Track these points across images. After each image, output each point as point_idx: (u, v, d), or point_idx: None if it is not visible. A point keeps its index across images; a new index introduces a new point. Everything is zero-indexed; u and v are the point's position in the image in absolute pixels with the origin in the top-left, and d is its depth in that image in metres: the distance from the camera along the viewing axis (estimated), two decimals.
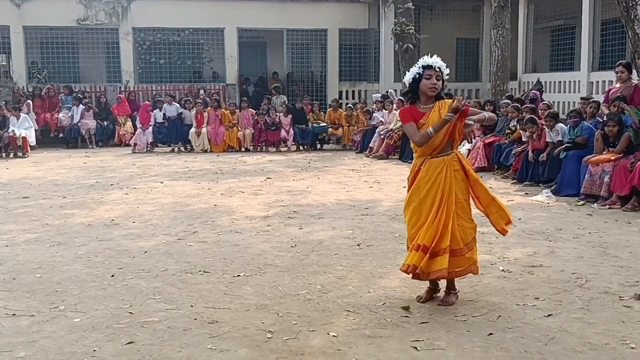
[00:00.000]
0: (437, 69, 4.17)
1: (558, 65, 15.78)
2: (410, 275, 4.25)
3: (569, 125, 9.08)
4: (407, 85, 4.32)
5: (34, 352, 3.53)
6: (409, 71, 4.32)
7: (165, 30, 18.07)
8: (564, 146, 8.88)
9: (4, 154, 13.79)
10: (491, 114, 4.75)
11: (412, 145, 4.35)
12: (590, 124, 8.94)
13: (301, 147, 15.11)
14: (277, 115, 14.96)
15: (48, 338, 3.72)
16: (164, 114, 15.03)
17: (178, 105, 15.25)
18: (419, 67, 4.19)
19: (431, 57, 4.23)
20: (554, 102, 13.43)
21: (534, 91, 13.41)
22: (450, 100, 4.22)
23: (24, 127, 14.05)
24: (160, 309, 4.20)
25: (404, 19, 15.94)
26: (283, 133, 14.89)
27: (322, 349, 3.55)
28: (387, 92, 15.93)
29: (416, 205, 4.23)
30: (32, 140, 14.26)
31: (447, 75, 4.25)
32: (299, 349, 3.56)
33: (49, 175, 10.87)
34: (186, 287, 4.66)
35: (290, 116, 14.96)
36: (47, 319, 4.03)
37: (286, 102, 16.70)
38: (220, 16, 18.03)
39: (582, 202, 7.96)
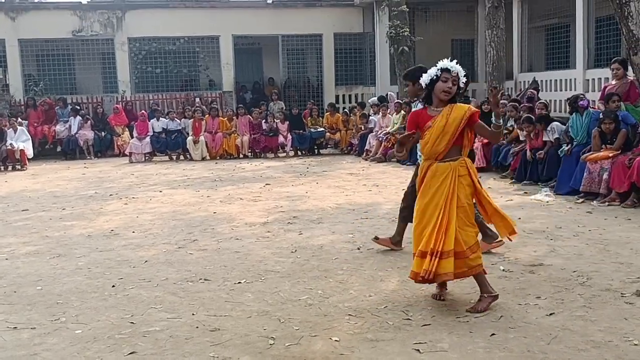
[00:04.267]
0: (455, 74, 4.18)
1: (553, 64, 15.79)
2: (420, 279, 4.22)
3: (576, 114, 8.90)
4: (424, 85, 4.31)
5: None
6: (426, 72, 4.27)
7: (160, 40, 18.08)
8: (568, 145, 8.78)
9: (2, 167, 13.78)
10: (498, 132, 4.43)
11: (420, 149, 4.33)
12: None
13: (299, 153, 15.10)
14: (274, 121, 14.97)
15: (50, 350, 3.71)
16: (164, 128, 15.01)
17: (179, 121, 15.22)
18: (438, 69, 4.20)
19: (451, 61, 4.23)
20: (550, 100, 13.44)
21: (530, 90, 13.42)
22: (465, 105, 4.25)
23: (22, 140, 14.05)
24: (161, 318, 4.19)
25: (398, 22, 15.97)
26: (281, 139, 14.90)
27: (324, 354, 3.54)
28: (386, 94, 15.92)
29: (421, 209, 4.25)
30: (29, 152, 14.25)
31: (463, 81, 4.24)
32: (302, 354, 3.55)
33: (47, 187, 10.86)
34: (187, 296, 4.65)
35: (287, 122, 14.97)
36: (49, 331, 4.02)
37: (284, 108, 16.71)
38: (215, 24, 18.07)
39: (581, 200, 7.96)
